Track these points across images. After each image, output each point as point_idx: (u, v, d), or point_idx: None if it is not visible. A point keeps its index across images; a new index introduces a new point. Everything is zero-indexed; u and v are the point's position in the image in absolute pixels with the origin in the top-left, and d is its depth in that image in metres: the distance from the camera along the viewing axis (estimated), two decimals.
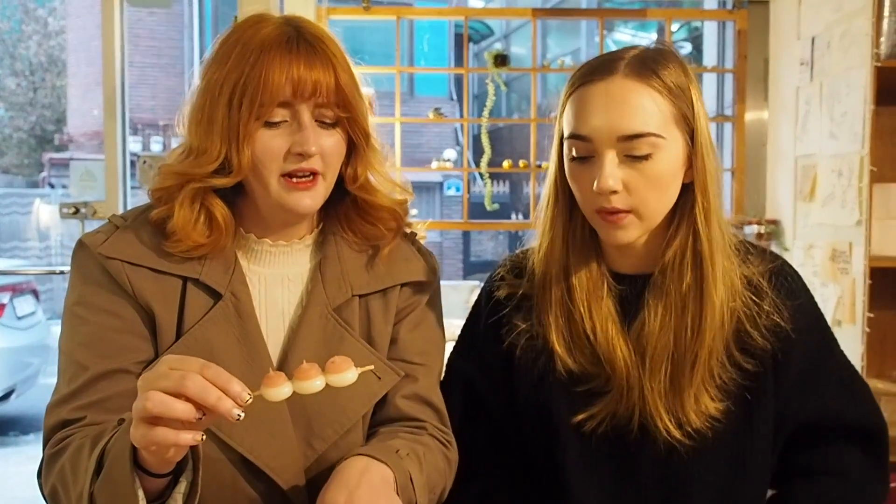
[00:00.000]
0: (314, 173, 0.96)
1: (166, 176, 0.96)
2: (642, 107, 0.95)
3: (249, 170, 0.94)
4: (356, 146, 1.00)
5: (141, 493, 0.78)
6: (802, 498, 1.10)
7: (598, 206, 0.99)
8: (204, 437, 0.75)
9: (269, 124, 0.94)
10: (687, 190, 1.02)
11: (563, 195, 1.05)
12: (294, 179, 0.95)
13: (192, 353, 0.94)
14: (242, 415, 0.74)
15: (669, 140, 0.97)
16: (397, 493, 0.90)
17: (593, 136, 0.97)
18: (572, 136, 0.99)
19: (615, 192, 0.96)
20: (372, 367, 0.85)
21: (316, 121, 0.95)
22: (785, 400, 1.07)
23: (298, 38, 0.94)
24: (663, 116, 0.96)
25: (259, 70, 0.91)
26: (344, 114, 0.96)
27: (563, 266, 1.05)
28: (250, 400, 0.75)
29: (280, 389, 0.77)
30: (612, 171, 0.96)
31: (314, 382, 0.79)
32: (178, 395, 0.73)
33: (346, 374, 0.80)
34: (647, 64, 0.98)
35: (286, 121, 0.94)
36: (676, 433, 1.01)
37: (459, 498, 1.08)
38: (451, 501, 1.07)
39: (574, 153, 0.99)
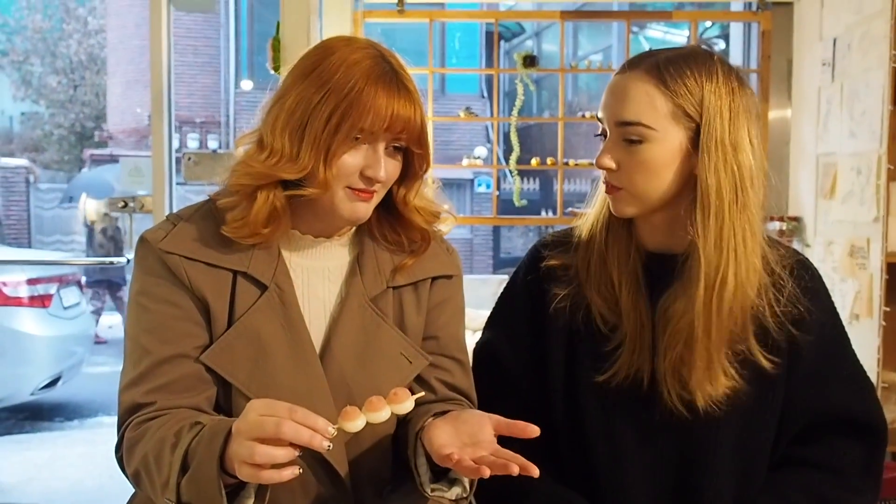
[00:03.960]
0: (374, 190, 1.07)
1: (252, 175, 1.04)
2: (637, 100, 1.08)
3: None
4: (414, 173, 1.11)
5: (223, 493, 0.90)
6: (792, 484, 1.14)
7: (603, 179, 1.14)
8: (300, 470, 0.88)
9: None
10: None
11: None
12: (357, 191, 1.06)
13: (242, 338, 1.05)
14: (332, 445, 0.87)
15: (661, 133, 1.08)
16: None
17: (603, 118, 1.13)
18: (597, 118, 1.16)
19: (609, 168, 1.11)
20: (423, 393, 1.04)
21: (387, 146, 1.05)
22: (795, 390, 1.14)
23: (396, 76, 1.04)
24: (657, 111, 1.08)
25: (367, 100, 1.00)
26: (418, 150, 1.07)
27: (603, 235, 1.18)
28: (335, 433, 0.88)
29: (356, 422, 0.91)
30: (608, 149, 1.11)
31: (382, 413, 0.93)
32: (275, 441, 0.86)
33: (406, 403, 0.96)
34: (659, 64, 1.08)
35: (364, 143, 1.04)
36: (680, 407, 1.10)
37: None
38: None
39: (599, 130, 1.15)
